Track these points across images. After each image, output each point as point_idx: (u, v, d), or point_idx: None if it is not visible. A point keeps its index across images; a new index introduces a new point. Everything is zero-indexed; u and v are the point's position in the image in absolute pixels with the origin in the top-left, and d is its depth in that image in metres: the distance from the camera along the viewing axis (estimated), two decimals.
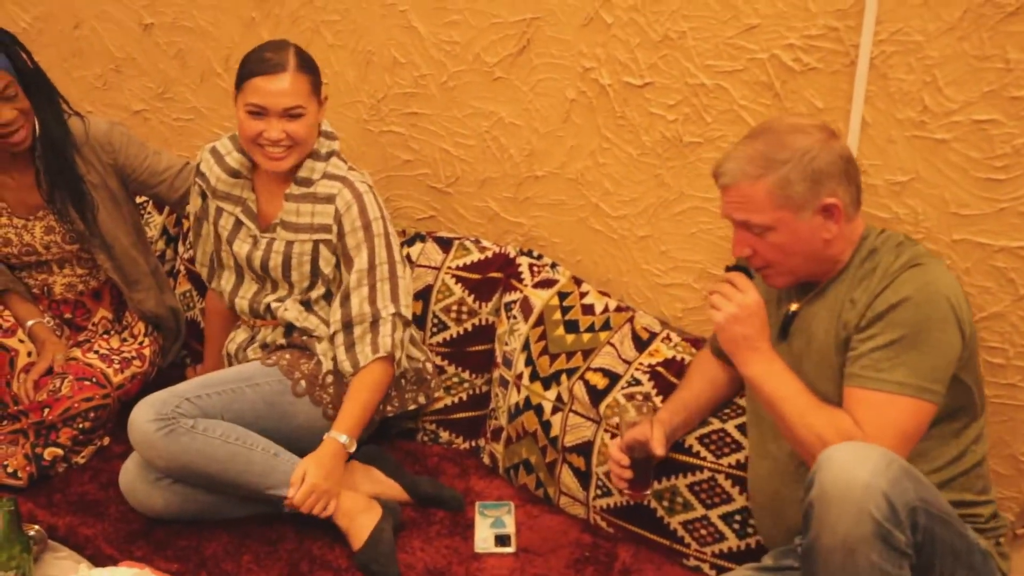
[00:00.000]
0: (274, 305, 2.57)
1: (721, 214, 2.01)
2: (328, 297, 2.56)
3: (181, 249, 3.10)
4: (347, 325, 2.46)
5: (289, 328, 2.58)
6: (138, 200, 2.97)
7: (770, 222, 1.93)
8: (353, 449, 2.40)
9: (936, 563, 1.77)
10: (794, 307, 2.06)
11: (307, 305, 2.56)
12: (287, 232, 2.51)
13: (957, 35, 2.11)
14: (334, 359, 2.50)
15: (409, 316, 2.53)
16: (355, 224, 2.46)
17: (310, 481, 2.29)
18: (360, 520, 2.34)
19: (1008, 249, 2.17)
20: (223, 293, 2.69)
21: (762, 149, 1.93)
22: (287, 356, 2.51)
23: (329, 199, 2.48)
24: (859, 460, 1.70)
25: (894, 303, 1.87)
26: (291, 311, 2.55)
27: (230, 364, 2.69)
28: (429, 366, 2.68)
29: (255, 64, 2.41)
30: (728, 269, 2.03)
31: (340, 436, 2.38)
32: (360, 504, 2.37)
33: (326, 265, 2.51)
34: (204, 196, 2.64)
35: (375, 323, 2.45)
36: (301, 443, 2.43)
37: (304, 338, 2.56)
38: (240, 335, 2.68)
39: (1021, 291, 2.18)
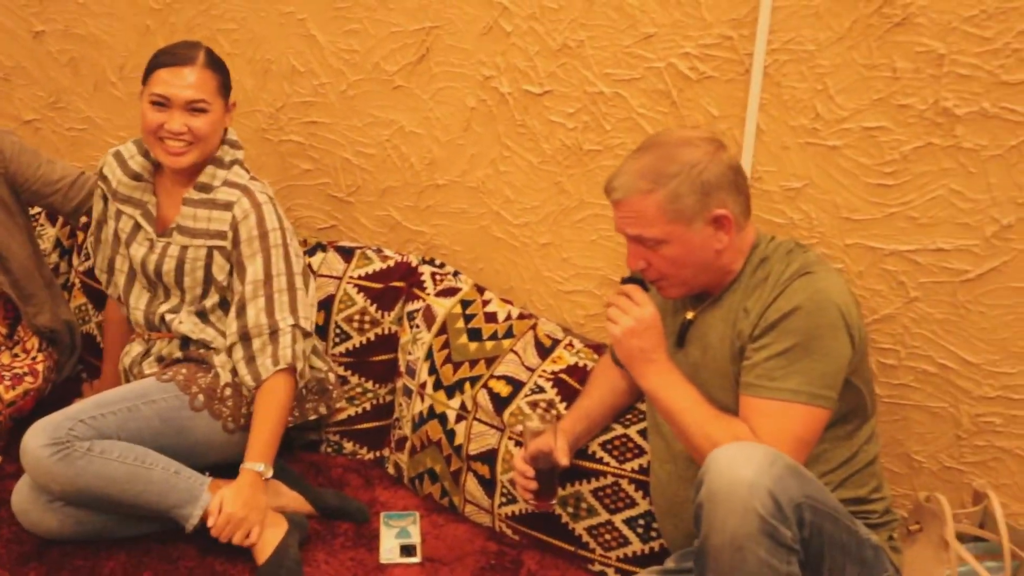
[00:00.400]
0: (168, 317, 2.52)
1: (615, 229, 2.03)
2: (224, 306, 2.52)
3: (76, 261, 3.03)
4: (244, 337, 2.42)
5: (185, 341, 2.54)
6: (31, 212, 2.90)
7: (662, 236, 1.95)
8: (270, 474, 2.36)
9: (825, 558, 1.81)
10: (690, 315, 2.09)
11: (202, 316, 2.52)
12: (182, 237, 2.47)
13: (847, 44, 2.16)
14: (233, 371, 2.47)
15: (309, 328, 2.49)
16: (252, 233, 2.42)
17: (227, 511, 2.26)
18: (265, 534, 2.31)
19: (898, 253, 2.23)
20: (121, 297, 2.64)
21: (652, 163, 1.95)
22: (183, 371, 2.47)
23: (227, 206, 2.45)
24: (744, 459, 1.73)
25: (786, 312, 1.91)
26: (186, 324, 2.51)
27: (126, 379, 2.63)
28: (331, 376, 2.66)
29: (164, 56, 2.42)
30: (624, 281, 2.04)
31: (256, 465, 2.34)
32: (267, 519, 2.33)
33: (219, 272, 2.47)
34: (105, 199, 2.60)
35: (274, 334, 2.41)
36: (202, 458, 2.40)
37: (201, 351, 2.52)
38: (135, 348, 2.63)
39: (911, 294, 2.24)
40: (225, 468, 2.40)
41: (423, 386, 2.56)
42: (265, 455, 2.36)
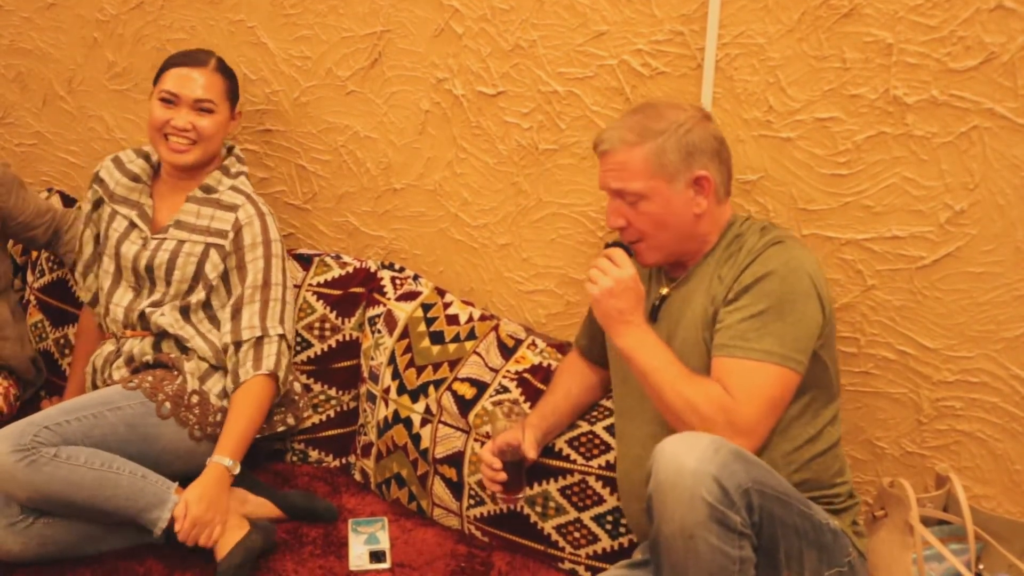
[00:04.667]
0: (148, 311, 2.53)
1: (599, 185, 2.07)
2: (207, 307, 2.54)
3: (31, 278, 3.00)
4: (236, 342, 2.48)
5: (158, 340, 2.54)
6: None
7: (644, 190, 2.00)
8: (237, 471, 2.37)
9: (780, 541, 1.83)
10: (664, 291, 2.12)
11: (184, 313, 2.54)
12: (180, 232, 2.53)
13: (796, 37, 2.18)
14: (202, 379, 2.49)
15: (293, 343, 2.57)
16: (256, 239, 2.51)
17: (192, 515, 2.26)
18: (228, 536, 2.30)
19: (854, 242, 2.25)
20: (98, 299, 2.64)
21: (641, 120, 2.03)
22: (149, 378, 2.46)
23: (232, 208, 2.54)
24: (687, 448, 1.75)
25: (760, 276, 1.95)
26: (167, 316, 2.52)
27: (94, 378, 2.62)
28: (297, 386, 2.65)
29: (178, 58, 2.57)
30: (608, 246, 2.07)
31: (224, 460, 2.36)
32: (230, 522, 2.33)
33: (212, 270, 2.51)
34: (98, 204, 2.64)
35: (260, 340, 2.48)
36: (167, 467, 2.38)
37: (172, 355, 2.51)
38: (106, 348, 2.62)
39: (869, 282, 2.26)
40: (190, 479, 2.38)
41: (387, 391, 2.55)
42: (233, 450, 2.38)
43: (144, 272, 2.54)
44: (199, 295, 2.53)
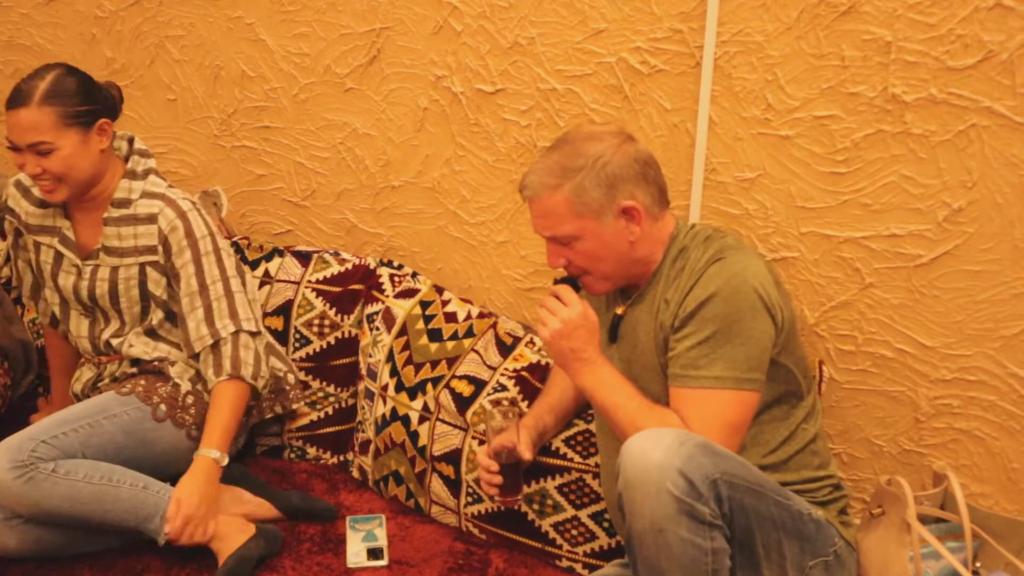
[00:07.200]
0: (114, 341, 2.49)
1: (534, 230, 2.04)
2: (172, 319, 2.50)
3: None
4: (194, 356, 2.45)
5: (137, 360, 2.51)
6: None
7: (574, 231, 1.97)
8: (225, 463, 2.36)
9: (755, 532, 1.83)
10: (619, 311, 2.10)
11: (152, 334, 2.50)
12: (111, 257, 2.43)
13: (795, 34, 2.18)
14: (193, 379, 2.47)
15: (254, 328, 2.47)
16: (182, 244, 2.40)
17: (184, 513, 2.24)
18: (232, 541, 2.30)
19: (853, 240, 2.25)
20: (56, 321, 2.58)
21: (559, 159, 1.97)
22: (142, 383, 2.44)
23: (151, 219, 2.41)
24: (653, 444, 1.75)
25: (703, 300, 1.92)
26: (136, 346, 2.48)
27: (79, 401, 2.58)
28: (291, 376, 2.64)
29: (9, 97, 2.30)
30: (556, 282, 2.05)
31: (211, 452, 2.34)
32: (234, 525, 2.32)
33: (156, 287, 2.44)
34: (19, 233, 2.54)
35: (216, 345, 2.42)
36: (167, 468, 2.38)
37: (155, 363, 2.49)
38: (86, 373, 2.59)
39: (867, 280, 2.26)
40: None
41: (385, 388, 2.55)
42: (219, 442, 2.35)
43: (89, 302, 2.47)
44: (157, 315, 2.47)
